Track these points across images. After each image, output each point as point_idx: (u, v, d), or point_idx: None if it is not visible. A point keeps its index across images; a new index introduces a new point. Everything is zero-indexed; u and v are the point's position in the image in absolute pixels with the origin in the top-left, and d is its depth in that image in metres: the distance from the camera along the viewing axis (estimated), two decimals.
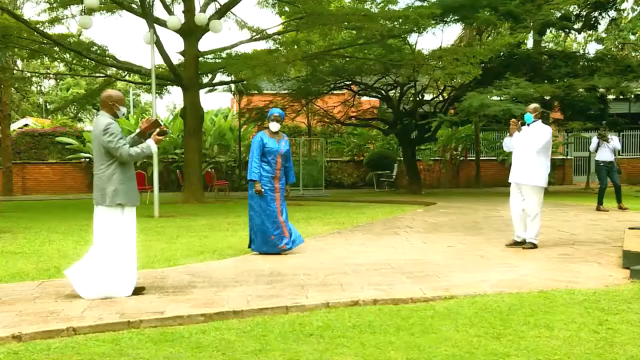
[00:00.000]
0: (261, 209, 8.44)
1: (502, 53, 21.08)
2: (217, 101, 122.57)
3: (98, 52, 20.46)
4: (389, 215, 14.10)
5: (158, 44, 17.37)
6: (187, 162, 19.06)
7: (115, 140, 5.77)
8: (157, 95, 21.88)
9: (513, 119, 9.06)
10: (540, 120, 8.82)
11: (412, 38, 46.60)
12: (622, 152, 27.16)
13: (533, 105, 8.93)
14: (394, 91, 23.94)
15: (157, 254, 8.53)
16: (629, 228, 9.47)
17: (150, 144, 6.01)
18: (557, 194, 20.96)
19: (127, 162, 5.94)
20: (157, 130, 6.05)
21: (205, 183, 21.16)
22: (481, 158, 27.11)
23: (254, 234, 8.54)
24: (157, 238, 10.32)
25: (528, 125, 8.80)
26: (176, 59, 21.09)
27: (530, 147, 8.59)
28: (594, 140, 14.31)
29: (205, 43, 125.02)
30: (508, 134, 9.01)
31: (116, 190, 5.85)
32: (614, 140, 14.17)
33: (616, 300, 5.51)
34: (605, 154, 14.09)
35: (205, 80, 21.81)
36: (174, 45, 34.91)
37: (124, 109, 6.10)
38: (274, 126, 8.62)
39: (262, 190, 8.37)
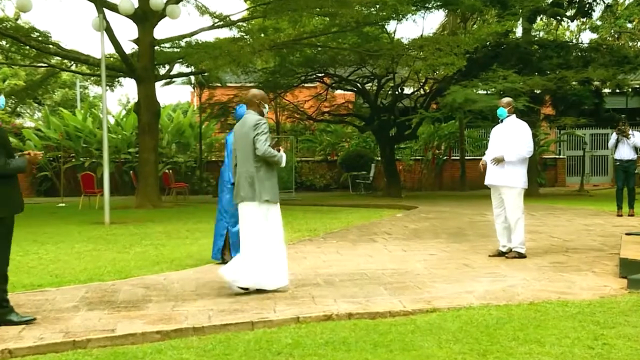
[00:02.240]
0: None
1: (488, 43, 21.25)
2: (175, 95, 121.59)
3: (39, 38, 20.18)
4: (366, 220, 14.14)
5: (108, 31, 17.20)
6: (141, 163, 18.90)
7: (263, 135, 6.61)
8: (107, 88, 21.64)
9: (482, 164, 9.13)
10: (514, 115, 8.92)
11: (391, 26, 46.63)
12: None
13: (506, 99, 9.03)
14: (370, 84, 24.01)
15: (107, 265, 8.45)
16: (626, 234, 9.59)
17: (283, 156, 6.82)
18: (549, 197, 21.21)
19: (266, 160, 6.68)
20: (281, 148, 6.96)
21: (162, 185, 21.00)
22: (466, 157, 27.29)
23: (232, 243, 8.38)
24: (107, 247, 10.21)
25: (502, 121, 8.90)
26: (129, 47, 20.96)
27: (511, 149, 8.63)
28: (613, 136, 14.14)
29: (162, 30, 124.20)
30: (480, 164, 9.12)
31: (264, 187, 6.66)
32: (636, 137, 13.85)
33: (612, 313, 5.58)
34: (623, 152, 13.88)
35: (162, 71, 21.65)
36: (127, 32, 34.88)
37: (267, 107, 7.06)
38: None
39: None
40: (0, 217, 5.55)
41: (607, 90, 23.97)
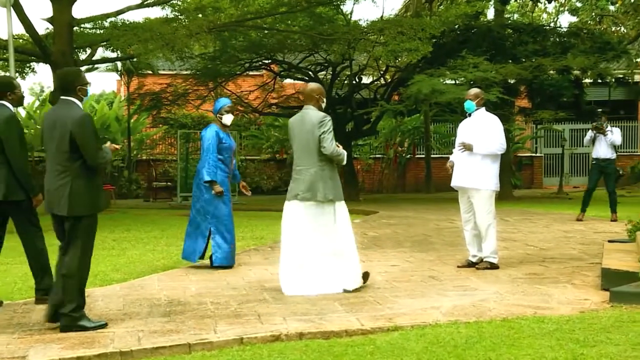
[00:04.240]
0: (223, 215, 9.01)
1: (457, 26, 21.53)
2: (98, 84, 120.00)
3: None
4: None
5: (16, 7, 16.90)
6: None
7: (330, 134, 7.28)
8: (17, 74, 21.27)
9: (449, 165, 9.19)
10: (483, 108, 9.04)
11: (347, 6, 46.84)
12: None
13: (474, 91, 9.10)
14: (324, 73, 24.05)
15: (17, 281, 8.32)
16: (609, 241, 9.78)
17: (345, 153, 7.48)
18: (524, 200, 21.54)
19: (331, 159, 7.38)
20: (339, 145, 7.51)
21: None
22: (432, 156, 27.52)
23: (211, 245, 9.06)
24: (18, 260, 9.99)
25: (469, 115, 9.00)
26: (43, 27, 20.60)
27: (480, 145, 8.72)
28: (589, 133, 14.39)
29: (82, 8, 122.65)
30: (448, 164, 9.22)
31: (327, 186, 7.31)
32: (614, 133, 14.07)
33: (593, 330, 5.68)
34: (600, 150, 14.11)
35: (83, 56, 21.35)
36: (40, 9, 34.16)
37: (325, 101, 7.67)
38: (229, 118, 9.18)
39: (223, 191, 8.96)
40: (81, 216, 6.05)
41: (588, 81, 24.45)
